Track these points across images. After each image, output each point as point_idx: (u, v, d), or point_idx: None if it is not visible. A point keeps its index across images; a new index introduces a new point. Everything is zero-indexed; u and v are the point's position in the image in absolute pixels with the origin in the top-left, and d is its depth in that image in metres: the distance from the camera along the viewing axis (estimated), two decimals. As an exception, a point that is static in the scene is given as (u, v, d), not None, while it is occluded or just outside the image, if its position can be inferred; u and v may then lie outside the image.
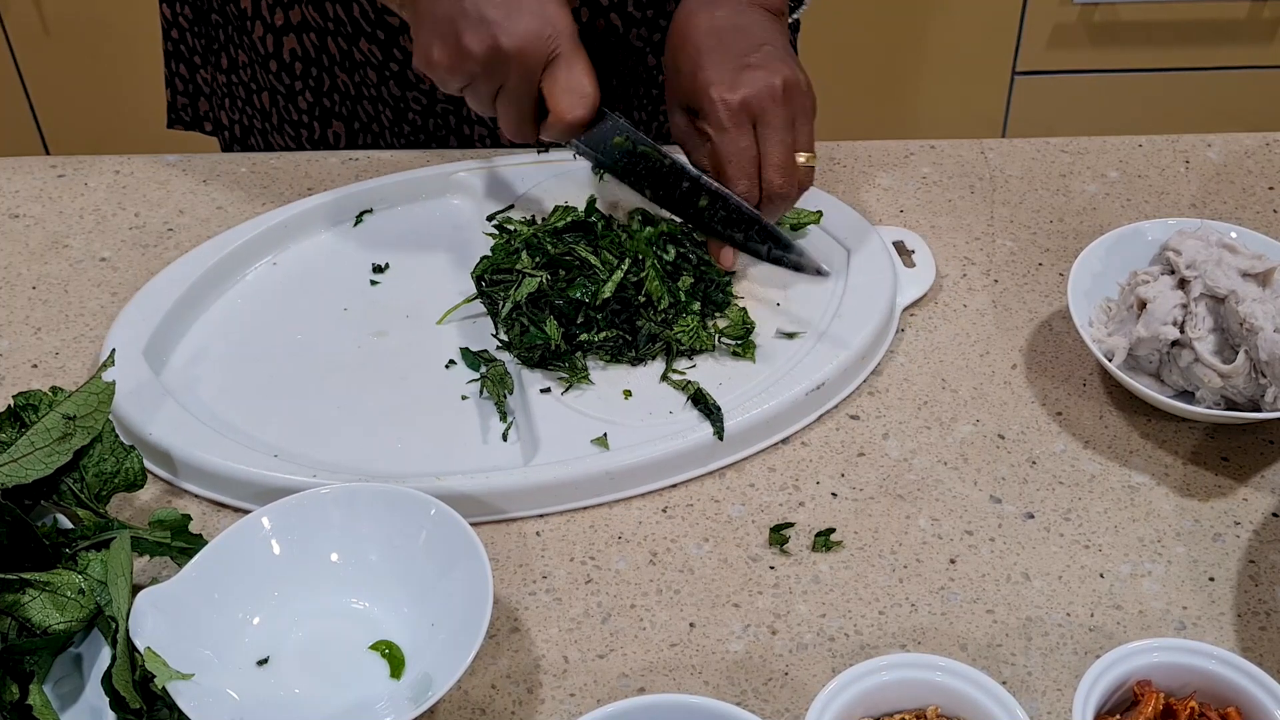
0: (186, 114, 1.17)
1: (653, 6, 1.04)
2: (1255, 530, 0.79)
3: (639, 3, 1.03)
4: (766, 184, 0.87)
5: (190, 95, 1.16)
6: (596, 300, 0.86)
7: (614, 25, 1.04)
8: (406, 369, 0.89)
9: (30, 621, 0.68)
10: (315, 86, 1.08)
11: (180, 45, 1.13)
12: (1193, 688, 0.66)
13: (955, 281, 0.96)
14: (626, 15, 1.04)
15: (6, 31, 2.04)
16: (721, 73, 0.86)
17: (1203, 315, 0.83)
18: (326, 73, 1.07)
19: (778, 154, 0.86)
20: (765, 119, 0.86)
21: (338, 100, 1.08)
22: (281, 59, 1.07)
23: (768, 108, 0.86)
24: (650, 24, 1.05)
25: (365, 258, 0.97)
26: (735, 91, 0.85)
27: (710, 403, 0.83)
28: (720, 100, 0.85)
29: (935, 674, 0.66)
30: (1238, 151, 1.07)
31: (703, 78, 0.87)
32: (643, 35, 1.05)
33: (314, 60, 1.06)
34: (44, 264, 0.98)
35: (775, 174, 0.86)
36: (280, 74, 1.08)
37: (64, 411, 0.75)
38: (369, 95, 1.07)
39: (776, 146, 0.86)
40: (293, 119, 1.10)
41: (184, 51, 1.13)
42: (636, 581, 0.77)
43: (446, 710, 0.71)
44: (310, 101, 1.09)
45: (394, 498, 0.75)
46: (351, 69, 1.06)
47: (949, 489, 0.82)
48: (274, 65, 1.07)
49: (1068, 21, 2.00)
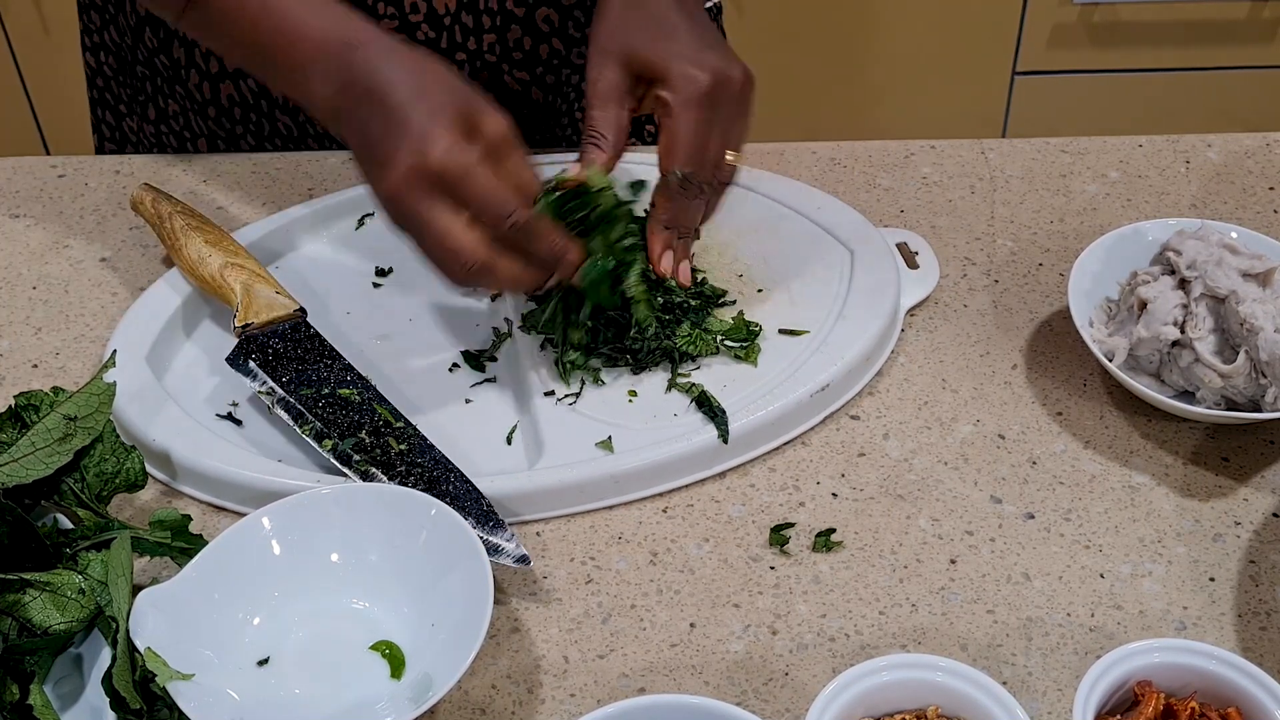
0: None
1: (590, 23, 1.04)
2: (1256, 530, 0.79)
3: (577, 23, 1.04)
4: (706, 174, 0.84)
5: (118, 142, 1.15)
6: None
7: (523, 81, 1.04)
8: (410, 373, 0.88)
9: (31, 621, 0.68)
10: (256, 130, 1.07)
11: (105, 94, 1.12)
12: (1193, 688, 0.66)
13: (955, 282, 0.96)
14: (567, 38, 1.04)
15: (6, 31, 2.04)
16: (687, 45, 0.84)
17: (1203, 315, 0.83)
18: (266, 118, 1.06)
19: (715, 146, 0.84)
20: (719, 109, 0.84)
21: (279, 144, 1.08)
22: (220, 104, 1.06)
23: (725, 98, 0.84)
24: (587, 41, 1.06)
25: (368, 262, 0.97)
26: (704, 69, 0.83)
27: (715, 405, 0.83)
28: (687, 75, 0.83)
29: (936, 674, 0.66)
30: (1238, 151, 1.07)
31: (667, 48, 0.84)
32: (581, 53, 1.05)
33: (252, 105, 1.05)
34: (44, 264, 0.98)
35: (715, 165, 0.85)
36: (220, 119, 1.07)
37: (65, 412, 0.75)
38: (314, 134, 1.07)
39: (721, 139, 0.84)
40: None
41: (109, 99, 1.13)
42: (637, 582, 0.77)
43: (446, 710, 0.71)
44: (253, 145, 1.08)
45: (394, 498, 0.75)
46: (295, 109, 1.05)
47: (949, 489, 0.82)
48: (212, 111, 1.06)
49: (1068, 21, 2.00)
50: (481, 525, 0.77)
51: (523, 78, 1.05)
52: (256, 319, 0.86)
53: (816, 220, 0.98)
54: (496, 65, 1.03)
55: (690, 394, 0.85)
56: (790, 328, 0.89)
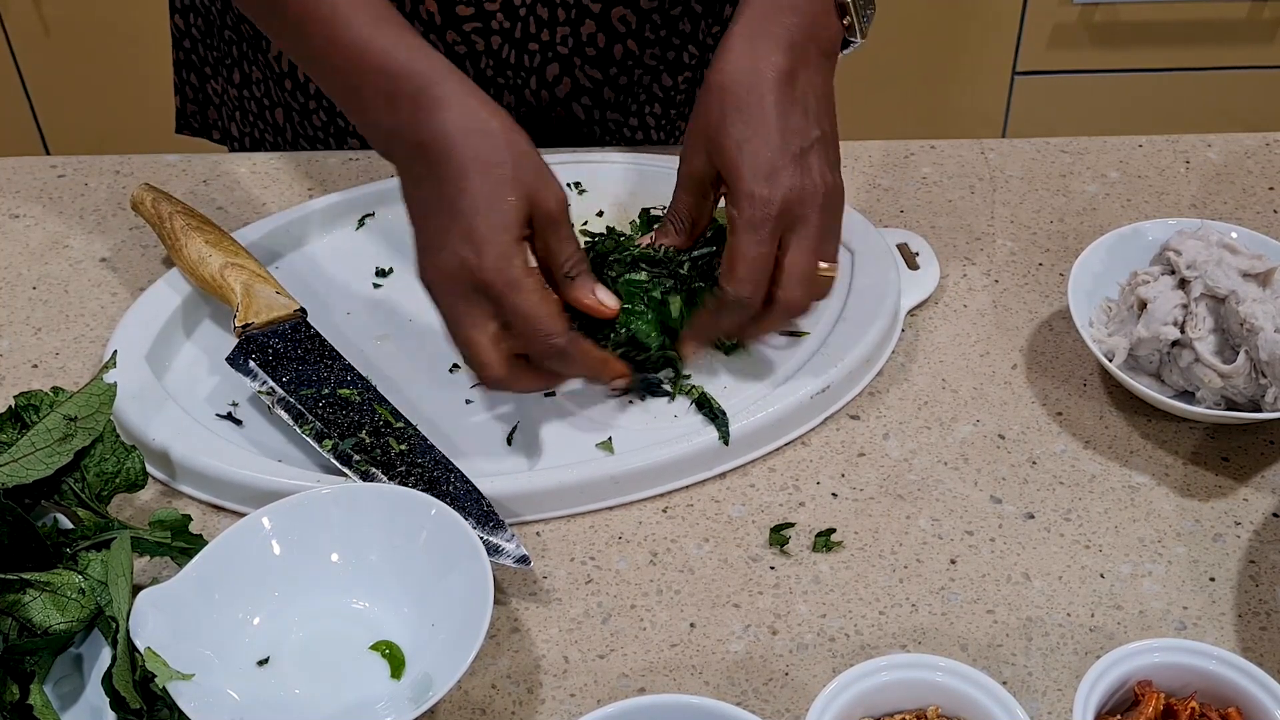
0: (195, 121, 1.18)
1: (666, 27, 1.04)
2: (1256, 530, 0.79)
3: (654, 25, 1.03)
4: (785, 295, 0.80)
5: (200, 104, 1.16)
6: None
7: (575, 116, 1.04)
8: (410, 373, 0.88)
9: (31, 621, 0.68)
10: (329, 107, 1.08)
11: (191, 55, 1.13)
12: (1193, 688, 0.66)
13: (955, 282, 0.96)
14: (642, 39, 1.04)
15: (6, 31, 2.04)
16: (762, 157, 0.78)
17: (1203, 315, 0.83)
18: None
19: (802, 264, 0.79)
20: (799, 228, 0.79)
21: (347, 124, 1.09)
22: (296, 78, 1.07)
23: (804, 216, 0.79)
24: (664, 43, 1.05)
25: (368, 262, 0.97)
26: (775, 189, 0.78)
27: (715, 407, 0.83)
28: (755, 195, 0.78)
29: (935, 674, 0.66)
30: (1238, 151, 1.07)
31: (740, 157, 0.78)
32: (655, 55, 1.06)
33: None
34: (44, 264, 0.98)
35: (796, 286, 0.79)
36: (295, 93, 1.08)
37: (65, 412, 0.75)
38: None
39: (805, 256, 0.79)
40: (308, 134, 1.10)
41: (195, 62, 1.14)
42: (637, 582, 0.77)
43: (446, 710, 0.71)
44: (324, 120, 1.09)
45: (394, 498, 0.75)
46: None
47: (949, 489, 0.82)
48: (289, 84, 1.08)
49: (1068, 21, 2.00)
50: (482, 525, 0.77)
51: (595, 75, 1.05)
52: (257, 319, 0.86)
53: (816, 220, 0.98)
54: (569, 59, 1.04)
55: (690, 396, 0.85)
56: (790, 329, 0.89)
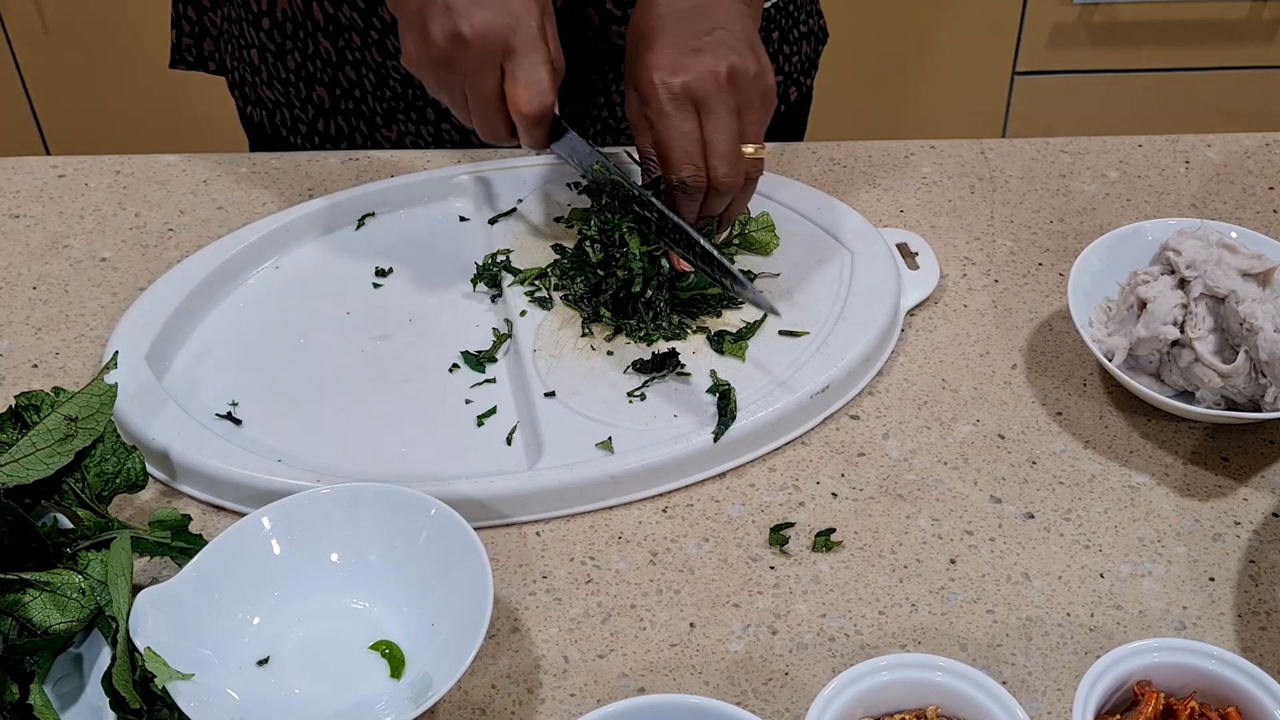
0: (190, 54, 1.18)
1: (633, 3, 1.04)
2: (1255, 530, 0.79)
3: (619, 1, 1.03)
4: (711, 172, 0.85)
5: (195, 36, 1.16)
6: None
7: (590, 19, 1.03)
8: (409, 373, 0.88)
9: (31, 621, 0.68)
10: (302, 48, 1.08)
11: None
12: (1193, 688, 0.66)
13: (955, 282, 0.96)
14: (604, 12, 1.03)
15: (6, 31, 2.04)
16: (667, 56, 0.85)
17: (1203, 315, 0.83)
18: (311, 37, 1.07)
19: (721, 141, 0.84)
20: (708, 105, 0.84)
21: (320, 66, 1.09)
22: (274, 17, 1.07)
23: (710, 94, 0.84)
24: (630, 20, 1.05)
25: (368, 261, 0.97)
26: (677, 75, 0.84)
27: (732, 407, 0.83)
28: (661, 84, 0.84)
29: (935, 674, 0.66)
30: (1238, 151, 1.07)
31: (648, 60, 0.85)
32: (622, 33, 1.05)
33: (299, 24, 1.06)
34: (44, 264, 0.98)
35: (719, 162, 0.84)
36: (272, 32, 1.08)
37: (66, 412, 0.75)
38: (351, 60, 1.08)
39: (720, 133, 0.84)
40: (281, 76, 1.10)
41: None
42: (636, 581, 0.78)
43: (446, 710, 0.71)
44: (298, 62, 1.09)
45: (394, 498, 0.75)
46: (335, 34, 1.06)
47: (949, 489, 0.82)
48: (266, 23, 1.08)
49: (1068, 21, 2.00)
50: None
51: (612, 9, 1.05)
52: None
53: (816, 221, 0.98)
54: None
55: (717, 388, 0.84)
56: (790, 329, 0.89)
